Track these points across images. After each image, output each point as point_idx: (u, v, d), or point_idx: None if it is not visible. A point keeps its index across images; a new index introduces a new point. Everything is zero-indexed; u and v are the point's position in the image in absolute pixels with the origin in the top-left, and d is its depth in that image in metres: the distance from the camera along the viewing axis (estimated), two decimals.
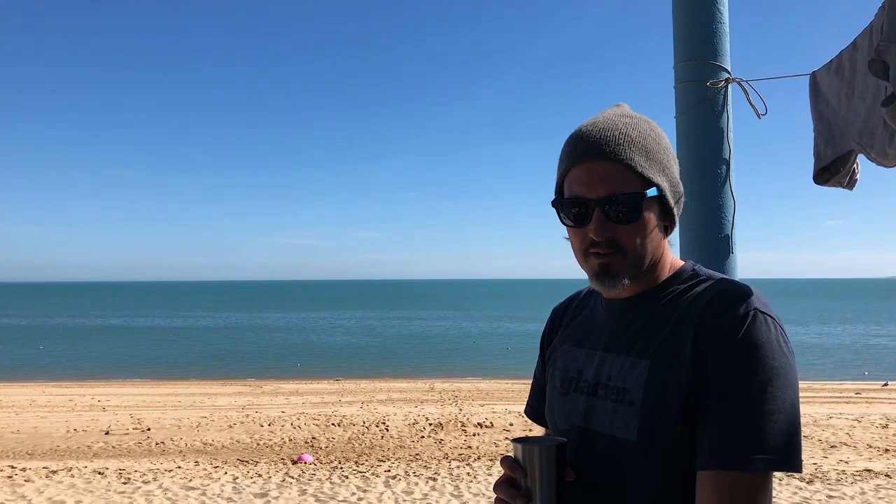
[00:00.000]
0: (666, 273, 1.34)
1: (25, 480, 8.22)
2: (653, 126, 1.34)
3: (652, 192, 1.26)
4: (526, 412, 1.67)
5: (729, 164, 1.95)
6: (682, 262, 1.38)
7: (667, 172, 1.30)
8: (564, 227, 1.35)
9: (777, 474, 8.04)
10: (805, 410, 14.27)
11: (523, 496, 1.26)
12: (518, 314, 62.79)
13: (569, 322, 1.52)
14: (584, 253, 1.31)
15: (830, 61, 2.09)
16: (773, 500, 7.01)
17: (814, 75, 2.19)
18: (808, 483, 7.74)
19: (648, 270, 1.32)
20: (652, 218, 1.28)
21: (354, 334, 43.88)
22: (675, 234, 1.41)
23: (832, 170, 2.06)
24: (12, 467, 9.03)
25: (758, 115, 2.03)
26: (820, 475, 8.13)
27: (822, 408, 14.84)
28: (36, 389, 19.15)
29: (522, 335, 38.78)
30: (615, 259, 1.27)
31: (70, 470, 8.85)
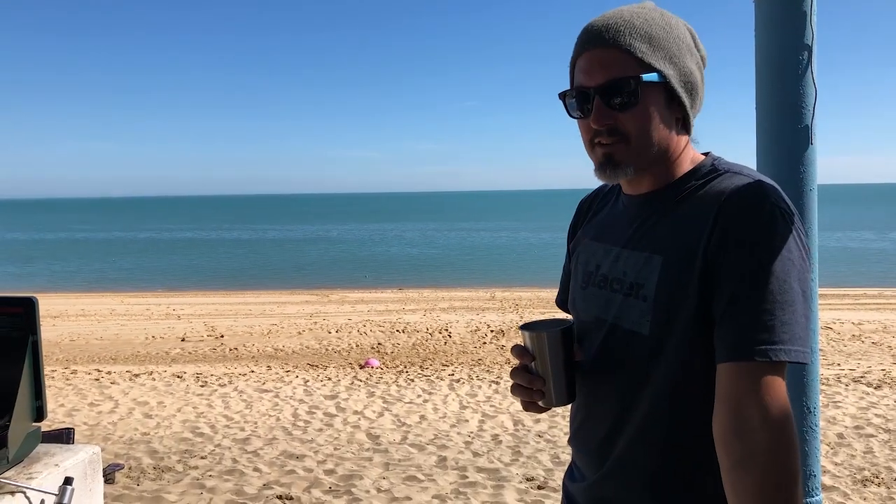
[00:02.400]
0: (685, 168, 1.32)
1: (111, 383, 8.72)
2: (667, 17, 1.30)
3: (651, 77, 1.24)
4: (556, 302, 1.71)
5: (811, 51, 1.84)
6: (703, 157, 1.34)
7: (674, 60, 1.26)
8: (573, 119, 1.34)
9: (843, 379, 7.97)
10: (876, 317, 13.95)
11: (540, 378, 1.32)
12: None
13: (592, 216, 1.53)
14: (591, 144, 1.31)
15: None
16: (840, 404, 6.95)
17: None
18: (875, 388, 7.63)
19: (660, 163, 1.30)
20: (655, 106, 1.25)
21: (415, 245, 44.34)
22: (702, 130, 1.36)
23: None
24: (98, 370, 9.57)
25: None
26: (889, 381, 8.00)
27: (893, 314, 14.50)
28: (115, 299, 20.07)
29: None
30: (618, 149, 1.27)
31: (151, 373, 9.34)
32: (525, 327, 1.35)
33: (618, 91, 1.24)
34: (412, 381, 8.68)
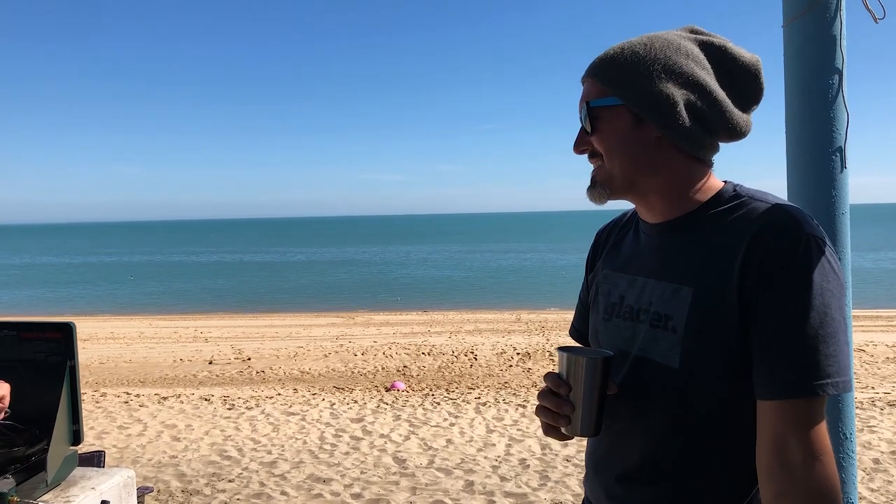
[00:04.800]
0: (705, 195, 1.31)
1: (140, 405, 8.79)
2: (653, 43, 1.30)
3: (605, 101, 1.30)
4: (570, 333, 1.70)
5: (842, 75, 1.83)
6: (723, 183, 1.33)
7: (638, 85, 1.27)
8: None
9: (878, 403, 7.82)
10: None
11: (570, 403, 1.29)
12: None
13: (612, 246, 1.52)
14: None
15: None
16: (875, 428, 6.81)
17: None
18: None
19: (661, 189, 1.32)
20: (617, 129, 1.30)
21: (441, 267, 44.38)
22: (724, 156, 1.37)
23: None
24: (127, 393, 9.66)
25: (875, 20, 1.89)
26: None
27: None
28: (143, 322, 20.29)
29: None
30: (599, 170, 1.34)
31: (179, 396, 9.41)
32: (563, 349, 1.32)
33: (586, 117, 1.33)
34: (438, 404, 8.65)
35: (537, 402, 1.37)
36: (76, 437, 1.82)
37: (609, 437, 1.35)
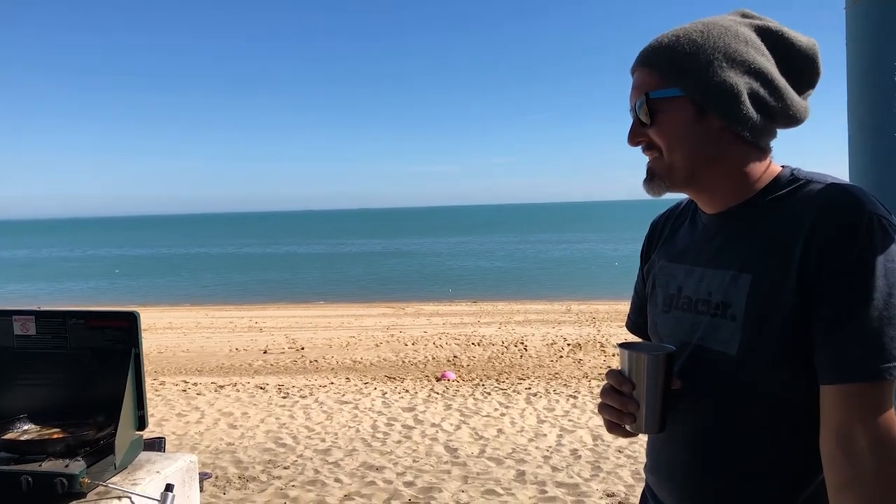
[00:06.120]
0: (763, 182, 1.28)
1: (197, 393, 9.02)
2: (710, 29, 1.27)
3: (667, 92, 1.26)
4: (627, 326, 1.67)
5: None
6: (780, 168, 1.30)
7: (698, 74, 1.24)
8: None
9: None
10: None
11: (634, 401, 1.27)
12: None
13: (667, 237, 1.50)
14: None
15: None
16: None
17: None
18: None
19: (721, 178, 1.28)
20: (679, 120, 1.26)
21: (491, 258, 44.34)
22: (782, 141, 1.32)
23: None
24: (185, 381, 9.92)
25: None
26: None
27: None
28: (200, 312, 20.76)
29: None
30: (656, 162, 1.31)
31: (235, 385, 9.62)
32: (624, 346, 1.31)
33: (641, 108, 1.29)
34: (489, 394, 8.67)
35: (599, 400, 1.35)
36: (141, 423, 1.88)
37: (669, 427, 1.32)
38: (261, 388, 9.31)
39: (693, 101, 1.25)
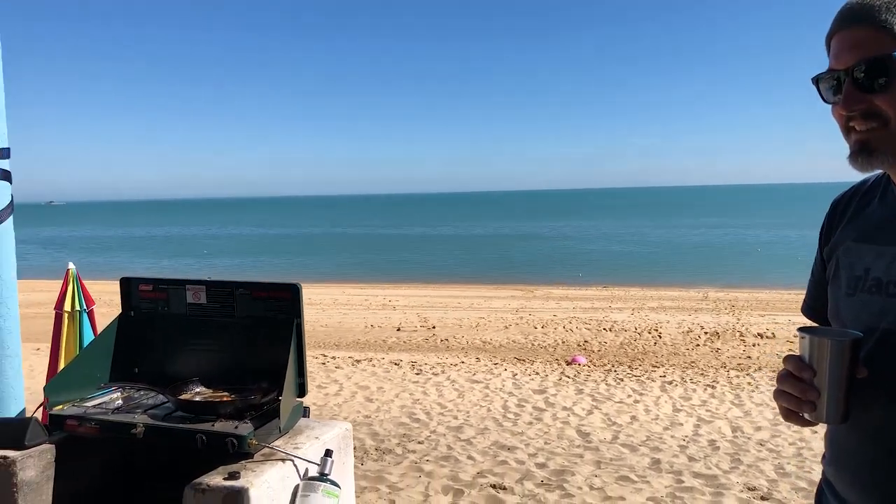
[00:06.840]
0: None
1: (336, 367, 9.40)
2: None
3: None
4: (803, 310, 1.56)
5: None
6: None
7: None
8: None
9: None
10: None
11: (815, 388, 1.20)
12: (805, 221, 57.58)
13: (852, 216, 1.38)
14: (846, 129, 1.19)
15: None
16: None
17: None
18: None
19: None
20: None
21: (623, 242, 43.37)
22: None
23: None
24: (324, 355, 10.36)
25: None
26: None
27: None
28: (337, 290, 21.56)
29: (811, 244, 35.69)
30: (874, 134, 1.15)
31: (371, 360, 9.96)
32: (805, 330, 1.24)
33: (871, 72, 1.14)
34: (621, 380, 8.53)
35: (775, 386, 1.28)
36: (301, 390, 1.99)
37: (855, 422, 1.24)
38: (395, 364, 9.58)
39: None
